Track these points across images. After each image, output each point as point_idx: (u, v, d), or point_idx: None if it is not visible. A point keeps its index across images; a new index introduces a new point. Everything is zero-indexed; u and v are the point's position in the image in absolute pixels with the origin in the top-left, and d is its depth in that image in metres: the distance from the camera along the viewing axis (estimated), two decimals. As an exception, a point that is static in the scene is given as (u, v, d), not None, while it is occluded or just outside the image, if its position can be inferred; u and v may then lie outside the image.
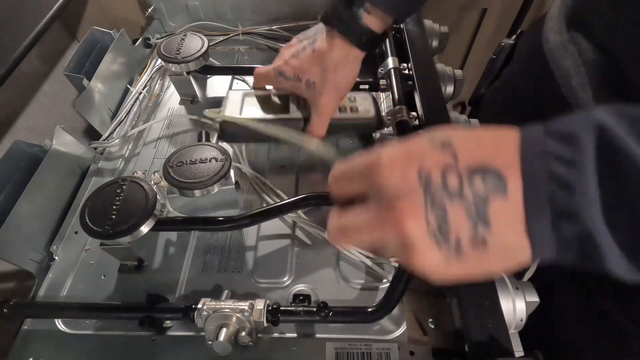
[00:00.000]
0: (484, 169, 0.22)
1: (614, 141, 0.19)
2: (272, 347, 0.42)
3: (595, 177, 0.19)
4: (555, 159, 0.20)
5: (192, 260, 0.49)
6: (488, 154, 0.22)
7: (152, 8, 0.76)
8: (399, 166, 0.24)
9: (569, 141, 0.20)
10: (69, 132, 0.54)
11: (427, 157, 0.23)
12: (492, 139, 0.23)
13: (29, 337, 0.44)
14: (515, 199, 0.21)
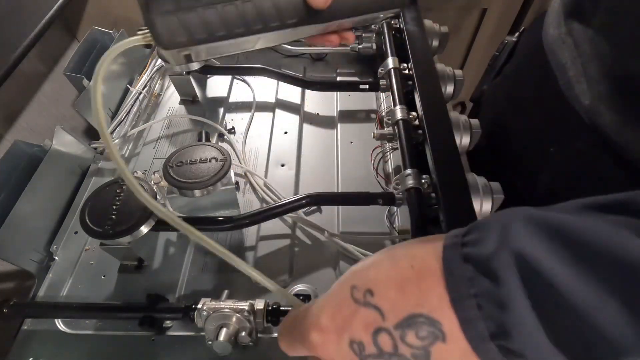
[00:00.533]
0: (415, 320, 0.21)
1: (540, 273, 0.18)
2: (272, 347, 0.41)
3: (528, 312, 0.18)
4: (486, 300, 0.19)
5: (192, 260, 0.49)
6: (413, 299, 0.21)
7: (152, 8, 0.76)
8: (330, 341, 0.23)
9: (495, 280, 0.19)
10: (69, 132, 0.54)
11: (354, 321, 0.22)
12: (415, 279, 0.21)
13: (29, 337, 0.44)
14: (456, 339, 0.20)
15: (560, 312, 0.18)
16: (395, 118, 0.53)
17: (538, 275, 0.18)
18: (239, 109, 0.67)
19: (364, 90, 0.63)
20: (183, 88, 0.66)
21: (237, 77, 0.71)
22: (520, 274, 0.18)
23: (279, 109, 0.66)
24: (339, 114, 0.65)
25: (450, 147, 0.47)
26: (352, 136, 0.62)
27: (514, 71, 0.55)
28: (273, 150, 0.60)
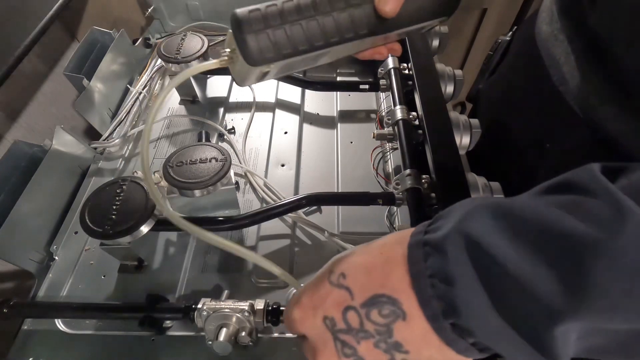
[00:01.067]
0: (378, 300, 0.23)
1: (485, 249, 0.20)
2: (272, 347, 0.42)
3: (475, 286, 0.20)
4: (438, 280, 0.21)
5: (192, 260, 0.49)
6: (378, 281, 0.23)
7: (152, 8, 0.76)
8: (307, 318, 0.25)
9: (443, 258, 0.21)
10: (69, 132, 0.54)
11: (327, 299, 0.25)
12: (381, 263, 0.24)
13: (29, 337, 0.44)
14: (416, 316, 0.22)
15: (503, 284, 0.19)
16: (395, 118, 0.53)
17: (484, 252, 0.20)
18: (239, 109, 0.67)
19: (364, 90, 0.63)
20: (183, 88, 0.66)
21: (237, 77, 0.71)
22: (468, 251, 0.20)
23: (279, 109, 0.66)
24: (339, 114, 0.65)
25: (450, 147, 0.47)
26: (352, 136, 0.62)
27: (508, 69, 0.55)
28: (273, 150, 0.60)
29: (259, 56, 0.27)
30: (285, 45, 0.27)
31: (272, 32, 0.26)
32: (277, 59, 0.27)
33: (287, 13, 0.26)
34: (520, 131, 0.50)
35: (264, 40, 0.26)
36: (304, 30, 0.26)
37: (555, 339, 0.18)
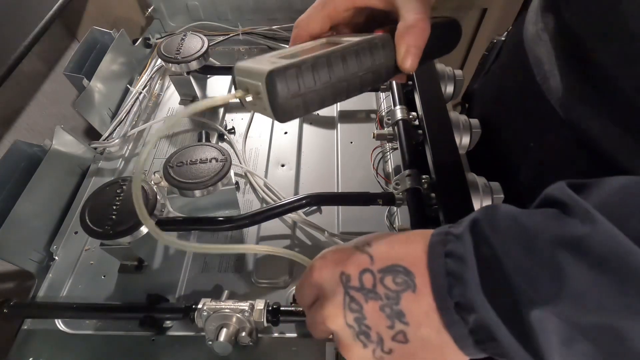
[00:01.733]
0: (394, 268, 0.25)
1: (484, 233, 0.23)
2: (272, 347, 0.42)
3: (475, 266, 0.22)
4: (451, 259, 0.23)
5: (192, 260, 0.49)
6: (399, 254, 0.26)
7: (152, 8, 0.76)
8: (327, 268, 0.27)
9: (458, 240, 0.24)
10: (69, 132, 0.54)
11: (349, 260, 0.27)
12: (405, 240, 0.27)
13: (29, 337, 0.44)
14: (424, 292, 0.24)
15: (495, 273, 0.22)
16: (395, 118, 0.53)
17: (488, 245, 0.22)
18: (239, 109, 0.67)
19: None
20: (183, 88, 0.66)
21: (237, 77, 0.71)
22: (473, 236, 0.23)
23: (279, 109, 0.66)
24: (339, 114, 0.65)
25: (450, 147, 0.47)
26: (352, 136, 0.62)
27: (499, 69, 0.56)
28: (273, 150, 0.60)
29: (289, 117, 0.27)
30: (314, 105, 0.28)
31: (305, 96, 0.27)
32: (304, 114, 0.28)
33: (321, 77, 0.27)
34: (507, 129, 0.51)
35: (295, 103, 0.27)
36: (333, 92, 0.28)
37: (532, 324, 0.20)
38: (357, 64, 0.28)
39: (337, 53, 0.27)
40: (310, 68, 0.26)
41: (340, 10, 0.32)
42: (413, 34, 0.28)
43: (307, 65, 0.26)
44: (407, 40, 0.28)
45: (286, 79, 0.25)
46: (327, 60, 0.27)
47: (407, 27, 0.28)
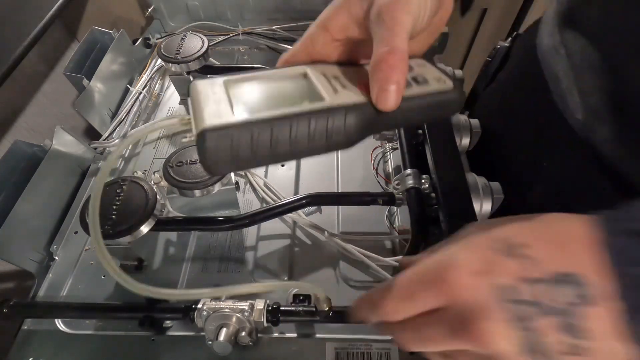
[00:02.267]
0: (569, 276, 0.21)
1: None
2: (272, 347, 0.42)
3: None
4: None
5: (192, 260, 0.49)
6: (570, 259, 0.22)
7: (152, 8, 0.76)
8: (475, 278, 0.23)
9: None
10: (69, 132, 0.54)
11: (502, 266, 0.23)
12: (567, 241, 0.22)
13: (29, 337, 0.44)
14: (609, 305, 0.21)
15: None
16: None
17: None
18: (239, 109, 0.67)
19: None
20: (183, 88, 0.66)
21: (237, 77, 0.71)
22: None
23: (279, 109, 0.66)
24: (339, 114, 0.65)
25: (450, 147, 0.47)
26: (352, 136, 0.62)
27: (507, 79, 0.54)
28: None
29: (218, 173, 0.25)
30: (250, 167, 0.26)
31: (239, 162, 0.24)
32: (236, 170, 0.25)
33: (259, 148, 0.23)
34: (517, 145, 0.49)
35: (228, 167, 0.24)
36: (273, 154, 0.24)
37: None
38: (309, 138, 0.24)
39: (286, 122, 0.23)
40: (249, 136, 0.23)
41: (318, 46, 0.29)
42: (381, 70, 0.24)
43: (246, 131, 0.23)
44: (376, 77, 0.25)
45: (218, 145, 0.22)
46: (271, 131, 0.23)
47: (375, 62, 0.25)
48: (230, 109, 0.24)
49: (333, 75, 0.27)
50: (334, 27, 0.28)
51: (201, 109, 0.24)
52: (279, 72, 0.28)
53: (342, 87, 0.26)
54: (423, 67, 0.30)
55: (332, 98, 0.25)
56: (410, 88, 0.27)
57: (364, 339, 0.41)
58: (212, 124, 0.22)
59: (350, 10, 0.27)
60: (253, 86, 0.26)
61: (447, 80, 0.28)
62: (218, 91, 0.25)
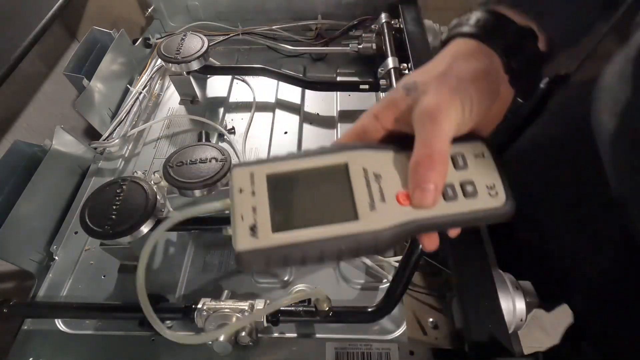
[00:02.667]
0: None
1: None
2: (272, 347, 0.41)
3: None
4: None
5: (192, 260, 0.49)
6: None
7: (152, 8, 0.76)
8: None
9: None
10: (69, 132, 0.54)
11: None
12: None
13: (29, 337, 0.44)
14: None
15: None
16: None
17: None
18: (239, 109, 0.67)
19: (364, 90, 0.63)
20: (183, 88, 0.66)
21: (237, 77, 0.71)
22: None
23: (279, 109, 0.66)
24: (339, 114, 0.65)
25: (450, 147, 0.47)
26: (352, 136, 0.62)
27: (543, 139, 0.43)
28: (273, 150, 0.60)
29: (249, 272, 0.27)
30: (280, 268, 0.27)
31: (270, 267, 0.27)
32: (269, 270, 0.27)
33: (291, 262, 0.25)
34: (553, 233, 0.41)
35: (259, 270, 0.27)
36: (303, 265, 0.27)
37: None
38: (338, 255, 0.26)
39: (316, 246, 0.25)
40: (282, 257, 0.25)
41: (370, 134, 0.29)
42: (419, 172, 0.25)
43: (279, 253, 0.25)
44: (415, 179, 0.25)
45: (252, 262, 0.25)
46: (303, 254, 0.25)
47: (415, 162, 0.26)
48: (269, 223, 0.25)
49: (374, 172, 0.27)
50: (384, 118, 0.29)
51: (239, 217, 0.26)
52: (322, 160, 0.27)
53: (380, 198, 0.26)
54: (476, 165, 0.28)
55: (366, 219, 0.25)
56: (455, 202, 0.27)
57: (364, 339, 0.41)
58: (247, 248, 0.24)
59: (397, 105, 0.28)
60: (293, 185, 0.27)
61: (500, 191, 0.27)
62: (258, 189, 0.27)
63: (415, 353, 0.40)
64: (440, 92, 0.26)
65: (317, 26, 0.74)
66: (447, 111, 0.26)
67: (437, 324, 0.41)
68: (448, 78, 0.27)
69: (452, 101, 0.26)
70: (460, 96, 0.26)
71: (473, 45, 0.29)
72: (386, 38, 0.64)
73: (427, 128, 0.26)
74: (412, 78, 0.28)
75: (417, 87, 0.27)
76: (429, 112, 0.26)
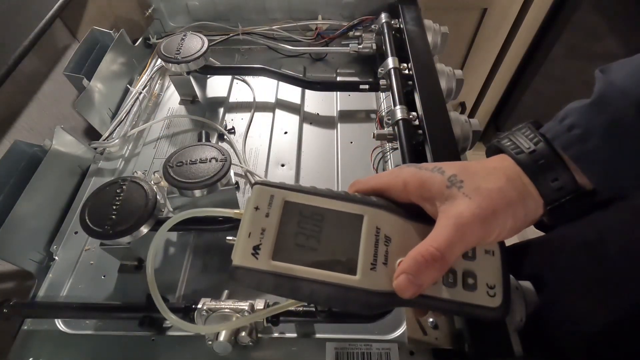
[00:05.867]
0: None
1: None
2: (272, 347, 0.41)
3: None
4: None
5: (192, 260, 0.49)
6: None
7: (152, 8, 0.76)
8: None
9: None
10: (69, 132, 0.54)
11: None
12: None
13: (29, 337, 0.44)
14: None
15: None
16: (395, 118, 0.53)
17: None
18: (239, 109, 0.67)
19: (364, 90, 0.63)
20: (183, 88, 0.66)
21: (237, 77, 0.71)
22: None
23: (279, 109, 0.66)
24: (339, 114, 0.65)
25: (450, 147, 0.47)
26: (352, 136, 0.62)
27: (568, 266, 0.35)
28: (273, 150, 0.60)
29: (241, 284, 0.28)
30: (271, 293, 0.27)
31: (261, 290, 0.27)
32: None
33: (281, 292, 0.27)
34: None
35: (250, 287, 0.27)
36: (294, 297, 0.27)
37: None
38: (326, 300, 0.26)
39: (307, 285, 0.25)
40: (273, 283, 0.26)
41: (392, 195, 0.29)
42: (415, 261, 0.25)
43: (271, 279, 0.26)
44: (407, 264, 0.25)
45: (245, 279, 0.27)
46: (292, 286, 0.25)
47: (417, 250, 0.25)
48: (271, 248, 0.26)
49: (385, 234, 0.27)
50: (412, 192, 0.28)
51: (246, 233, 0.27)
52: (341, 205, 0.28)
53: (383, 260, 0.26)
54: (484, 261, 0.28)
55: (364, 277, 0.26)
56: (452, 289, 0.27)
57: (364, 339, 0.41)
58: (244, 265, 0.26)
59: (432, 189, 0.27)
60: (306, 219, 0.27)
61: (498, 293, 0.27)
62: (272, 212, 0.27)
63: (415, 353, 0.40)
64: (482, 208, 0.26)
65: (317, 26, 0.74)
66: (478, 230, 0.25)
67: (437, 324, 0.41)
68: (495, 200, 0.26)
69: (488, 223, 0.26)
70: (498, 222, 0.26)
71: (522, 176, 0.28)
72: (386, 38, 0.64)
73: (449, 232, 0.25)
74: (459, 174, 0.28)
75: (462, 186, 0.27)
76: (460, 222, 0.25)
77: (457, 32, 1.12)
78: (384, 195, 0.30)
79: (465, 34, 1.13)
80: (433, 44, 0.67)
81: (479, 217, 0.26)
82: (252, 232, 0.27)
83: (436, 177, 0.28)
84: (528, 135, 0.30)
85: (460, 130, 0.52)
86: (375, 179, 0.30)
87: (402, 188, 0.29)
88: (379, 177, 0.30)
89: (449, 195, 0.27)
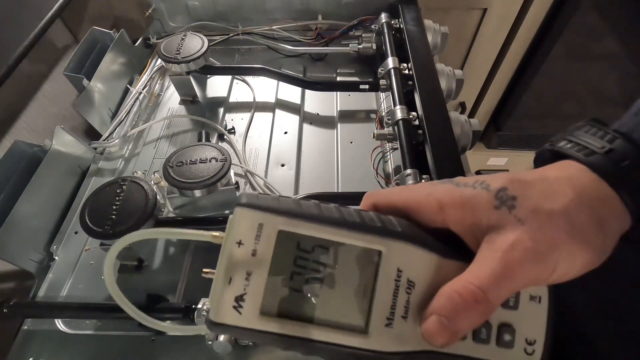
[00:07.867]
0: None
1: None
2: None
3: None
4: None
5: (192, 260, 0.49)
6: None
7: (152, 8, 0.76)
8: None
9: None
10: (69, 132, 0.54)
11: None
12: None
13: (29, 337, 0.44)
14: None
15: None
16: (395, 118, 0.53)
17: None
18: (239, 109, 0.67)
19: (364, 90, 0.63)
20: (183, 88, 0.66)
21: (237, 77, 0.71)
22: None
23: (279, 109, 0.66)
24: (339, 114, 0.65)
25: (450, 147, 0.47)
26: (352, 136, 0.62)
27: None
28: (273, 150, 0.60)
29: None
30: None
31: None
32: None
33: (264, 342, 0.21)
34: None
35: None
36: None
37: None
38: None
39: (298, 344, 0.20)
40: (262, 342, 0.21)
41: (421, 216, 0.23)
42: (451, 302, 0.20)
43: (260, 338, 0.20)
44: (441, 304, 0.20)
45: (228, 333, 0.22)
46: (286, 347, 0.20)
47: (453, 286, 0.20)
48: (259, 300, 0.20)
49: (409, 278, 0.21)
50: (451, 217, 0.22)
51: (226, 279, 0.20)
52: (354, 238, 0.21)
53: (403, 313, 0.21)
54: (527, 311, 0.22)
55: (377, 336, 0.21)
56: (484, 346, 0.21)
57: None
58: (225, 322, 0.20)
59: (476, 212, 0.21)
60: (307, 257, 0.21)
61: (538, 351, 0.21)
62: (261, 249, 0.21)
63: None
64: (537, 240, 0.20)
65: (317, 26, 0.74)
66: (531, 268, 0.19)
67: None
68: (559, 227, 0.20)
69: (544, 261, 0.19)
70: (559, 258, 0.20)
71: (599, 187, 0.21)
72: (386, 38, 0.64)
73: (494, 267, 0.19)
74: (510, 188, 0.21)
75: (514, 206, 0.20)
76: (510, 257, 0.19)
77: (457, 32, 1.12)
78: (409, 216, 0.23)
79: (465, 34, 1.13)
80: (433, 44, 0.67)
81: (533, 253, 0.19)
82: (234, 277, 0.20)
83: (481, 196, 0.21)
84: (595, 133, 0.23)
85: (460, 130, 0.52)
86: (398, 194, 0.24)
87: (436, 210, 0.22)
88: (404, 192, 0.24)
89: (498, 220, 0.20)
